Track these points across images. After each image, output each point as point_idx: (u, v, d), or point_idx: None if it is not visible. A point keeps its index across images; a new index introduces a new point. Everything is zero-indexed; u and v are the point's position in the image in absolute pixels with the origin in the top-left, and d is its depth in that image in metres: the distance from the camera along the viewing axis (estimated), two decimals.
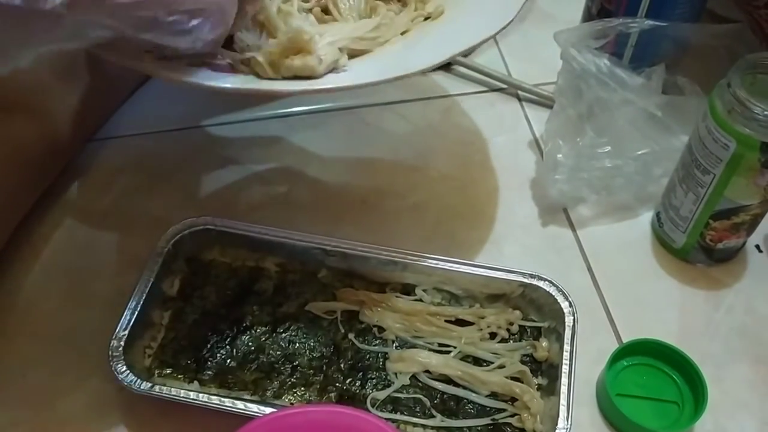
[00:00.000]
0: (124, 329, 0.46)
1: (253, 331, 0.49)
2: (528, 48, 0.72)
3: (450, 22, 0.51)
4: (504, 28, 0.47)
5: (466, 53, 0.50)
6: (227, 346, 0.49)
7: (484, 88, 0.69)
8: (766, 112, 0.44)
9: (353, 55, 0.48)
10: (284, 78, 0.44)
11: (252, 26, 0.45)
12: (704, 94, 0.55)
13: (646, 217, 0.58)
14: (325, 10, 0.52)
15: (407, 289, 0.51)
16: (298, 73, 0.44)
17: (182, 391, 0.44)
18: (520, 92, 0.68)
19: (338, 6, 0.52)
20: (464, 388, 0.47)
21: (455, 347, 0.48)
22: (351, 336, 0.49)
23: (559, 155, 0.56)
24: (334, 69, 0.46)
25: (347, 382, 0.47)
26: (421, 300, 0.51)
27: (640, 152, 0.56)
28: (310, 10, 0.51)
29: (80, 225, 0.57)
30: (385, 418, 0.45)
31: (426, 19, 0.53)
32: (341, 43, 0.46)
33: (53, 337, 0.50)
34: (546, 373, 0.48)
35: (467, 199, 0.60)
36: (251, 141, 0.64)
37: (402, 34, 0.51)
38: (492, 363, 0.48)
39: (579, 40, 0.56)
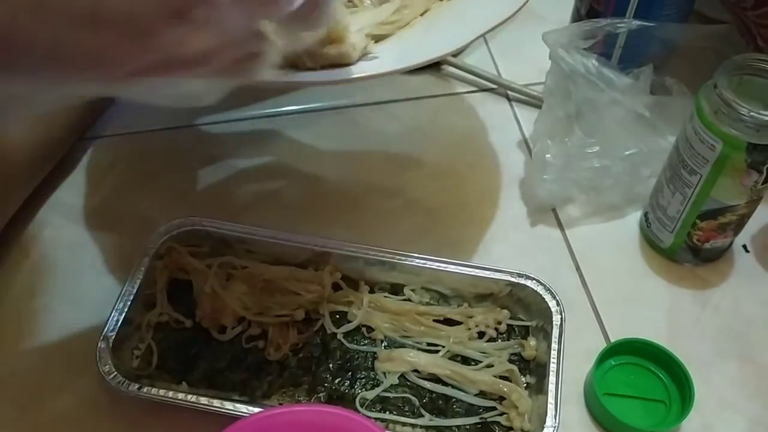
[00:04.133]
0: (112, 330, 0.46)
1: (241, 332, 0.49)
2: (517, 48, 0.72)
3: (467, 2, 0.51)
4: (522, 7, 0.47)
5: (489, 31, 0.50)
6: (215, 347, 0.49)
7: (474, 88, 0.69)
8: (752, 113, 0.44)
9: (376, 40, 0.48)
10: (322, 67, 0.44)
11: None
12: (692, 94, 0.55)
13: (634, 217, 0.58)
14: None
15: (396, 289, 0.52)
16: (335, 62, 0.44)
17: (170, 392, 0.44)
18: (509, 92, 0.69)
19: None
20: (453, 387, 0.47)
21: (444, 346, 0.48)
22: (340, 336, 0.49)
23: (548, 155, 0.57)
24: (364, 56, 0.46)
25: (336, 382, 0.48)
26: (409, 300, 0.51)
27: (628, 152, 0.56)
28: None
29: (69, 224, 0.57)
30: (374, 418, 0.45)
31: None
32: (368, 29, 0.47)
33: (42, 337, 0.50)
34: (534, 371, 0.48)
35: (457, 198, 0.60)
36: (241, 140, 0.64)
37: (422, 15, 0.51)
38: (480, 362, 0.48)
39: (568, 41, 0.56)
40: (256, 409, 0.43)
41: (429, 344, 0.49)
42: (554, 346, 0.46)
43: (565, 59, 0.56)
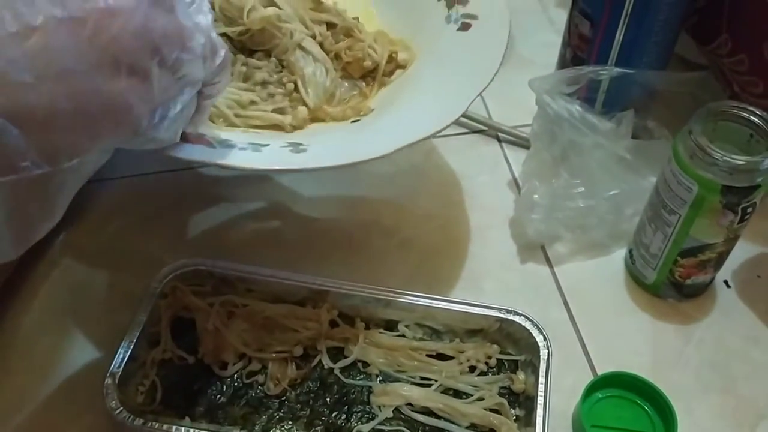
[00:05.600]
0: (118, 367, 0.47)
1: (242, 368, 0.51)
2: (507, 91, 0.74)
3: (404, 109, 0.55)
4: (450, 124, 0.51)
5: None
6: (217, 383, 0.50)
7: (465, 130, 0.72)
8: (725, 158, 0.47)
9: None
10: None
11: None
12: (672, 137, 0.57)
13: (619, 254, 0.61)
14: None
15: (390, 325, 0.53)
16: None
17: (174, 426, 0.46)
18: (499, 134, 0.71)
19: (305, 85, 0.57)
20: (445, 420, 0.49)
21: (436, 381, 0.50)
22: (336, 371, 0.51)
23: (536, 195, 0.59)
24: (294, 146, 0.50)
25: (333, 415, 0.49)
26: (403, 335, 0.53)
27: (611, 193, 0.59)
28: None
29: (76, 265, 0.59)
30: None
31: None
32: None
33: (50, 374, 0.52)
34: (523, 404, 0.50)
35: (449, 237, 0.62)
36: (240, 182, 0.66)
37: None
38: (471, 395, 0.50)
39: (552, 87, 0.59)
40: None
41: (422, 378, 0.51)
42: (542, 379, 0.48)
43: (550, 105, 0.58)
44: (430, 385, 0.50)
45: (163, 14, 0.35)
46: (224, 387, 0.50)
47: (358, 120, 0.57)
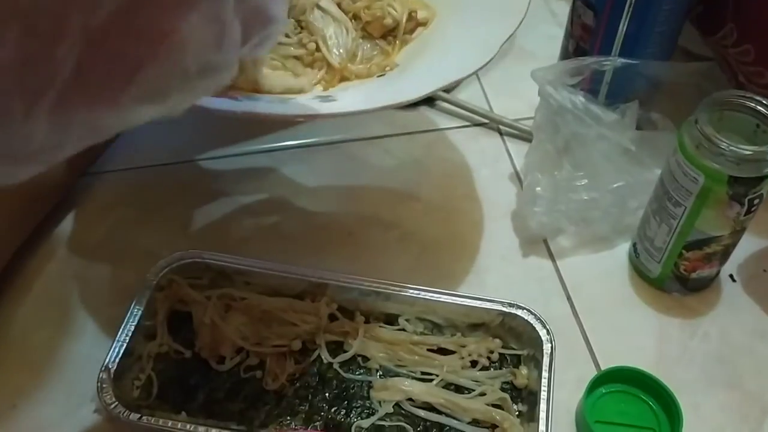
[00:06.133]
0: (113, 361, 0.47)
1: (240, 362, 0.50)
2: (509, 84, 0.74)
3: (434, 58, 0.54)
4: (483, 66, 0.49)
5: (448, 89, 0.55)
6: (214, 377, 0.50)
7: (467, 123, 0.71)
8: (731, 148, 0.46)
9: None
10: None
11: None
12: (676, 129, 0.57)
13: (623, 247, 0.60)
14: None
15: (390, 319, 0.53)
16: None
17: (170, 421, 0.45)
18: (501, 126, 0.71)
19: (327, 44, 0.54)
20: (446, 415, 0.48)
21: (437, 375, 0.50)
22: (336, 365, 0.50)
23: (538, 188, 0.58)
24: (322, 98, 0.48)
25: (332, 410, 0.49)
26: (403, 329, 0.52)
27: (615, 185, 0.58)
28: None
29: (72, 257, 0.59)
30: None
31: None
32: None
33: (44, 368, 0.51)
34: (526, 399, 0.49)
35: (450, 230, 0.62)
36: (240, 175, 0.66)
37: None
38: (473, 390, 0.49)
39: (555, 78, 0.58)
40: None
41: (423, 373, 0.50)
42: (545, 374, 0.47)
43: (553, 96, 0.58)
44: (431, 380, 0.49)
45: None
46: (221, 382, 0.50)
47: (383, 75, 0.56)
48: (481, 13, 0.56)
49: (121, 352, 0.47)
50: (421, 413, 0.48)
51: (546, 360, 0.48)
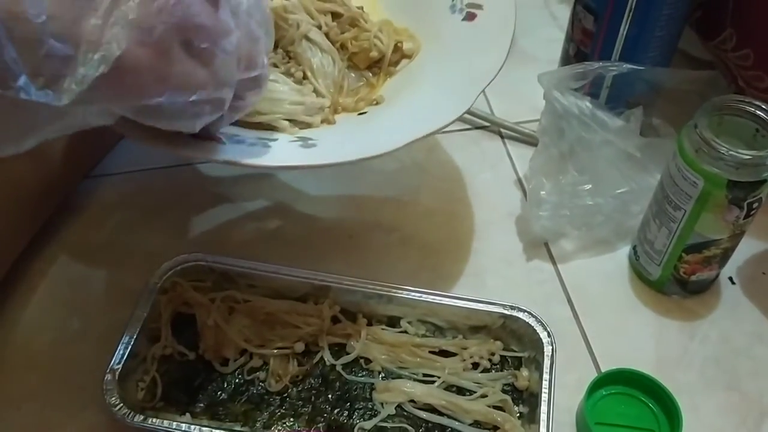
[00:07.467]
0: (118, 363, 0.47)
1: (243, 364, 0.51)
2: (510, 87, 0.73)
3: (413, 101, 0.55)
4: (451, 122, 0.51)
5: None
6: (218, 379, 0.50)
7: (468, 126, 0.72)
8: (731, 152, 0.46)
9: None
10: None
11: None
12: (677, 135, 0.57)
13: (624, 251, 0.60)
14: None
15: (392, 322, 0.53)
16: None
17: (174, 423, 0.46)
18: (502, 130, 0.71)
19: (314, 74, 0.56)
20: (448, 417, 0.48)
21: (439, 377, 0.50)
22: (338, 367, 0.51)
23: (543, 192, 0.59)
24: (303, 141, 0.49)
25: (335, 412, 0.49)
26: (405, 332, 0.52)
27: (619, 191, 0.58)
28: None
29: (75, 261, 0.59)
30: None
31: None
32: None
33: (49, 370, 0.52)
34: (527, 401, 0.49)
35: (452, 233, 0.62)
36: (241, 178, 0.66)
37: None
38: (474, 392, 0.49)
39: (560, 82, 0.58)
40: None
41: (425, 375, 0.50)
42: (546, 376, 0.48)
43: (559, 100, 0.58)
44: (432, 382, 0.50)
45: (206, 7, 0.36)
46: (225, 383, 0.50)
47: (365, 112, 0.57)
48: (464, 53, 0.57)
49: (126, 354, 0.48)
50: (423, 415, 0.48)
51: (547, 362, 0.48)
